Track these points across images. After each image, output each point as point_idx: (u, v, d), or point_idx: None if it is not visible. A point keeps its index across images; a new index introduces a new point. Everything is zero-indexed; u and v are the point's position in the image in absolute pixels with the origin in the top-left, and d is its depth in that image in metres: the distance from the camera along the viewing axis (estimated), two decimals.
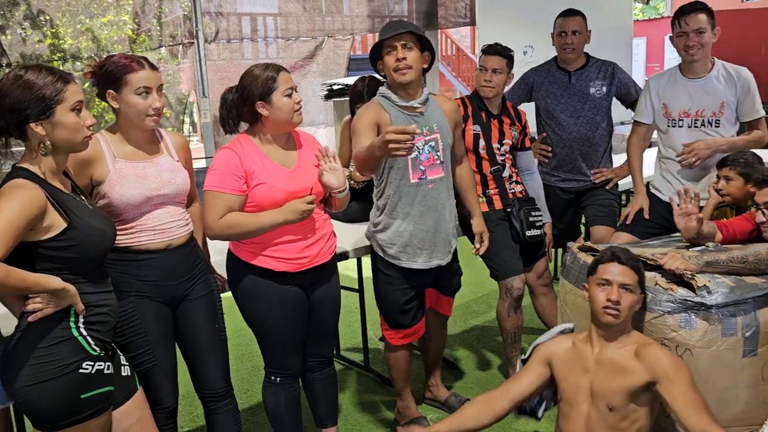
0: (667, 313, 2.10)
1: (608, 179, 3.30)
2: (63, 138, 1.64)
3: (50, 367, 1.59)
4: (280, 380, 2.33)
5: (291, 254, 2.17)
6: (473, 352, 3.54)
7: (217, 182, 2.08)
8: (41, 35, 5.72)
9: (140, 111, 1.91)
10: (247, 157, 2.11)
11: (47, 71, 1.62)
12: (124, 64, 1.90)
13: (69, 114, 1.63)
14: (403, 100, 2.35)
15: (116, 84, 1.90)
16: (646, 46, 9.56)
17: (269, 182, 2.10)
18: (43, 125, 1.61)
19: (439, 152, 2.39)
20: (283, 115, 2.10)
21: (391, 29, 2.30)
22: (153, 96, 1.92)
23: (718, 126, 2.84)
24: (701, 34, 2.75)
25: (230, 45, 6.11)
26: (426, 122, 2.38)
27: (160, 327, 2.01)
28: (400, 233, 2.42)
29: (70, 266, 1.63)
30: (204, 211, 2.11)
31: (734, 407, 2.09)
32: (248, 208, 2.12)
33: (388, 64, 2.30)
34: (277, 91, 2.08)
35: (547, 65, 3.33)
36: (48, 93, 1.60)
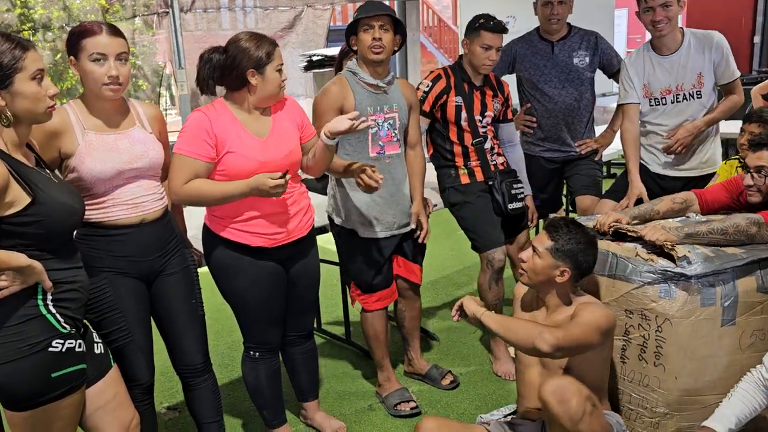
0: (647, 284, 2.11)
1: (594, 150, 3.28)
2: (24, 108, 1.57)
3: (19, 346, 1.54)
4: (259, 355, 2.31)
5: (267, 229, 2.14)
6: (455, 324, 3.53)
7: (185, 146, 2.03)
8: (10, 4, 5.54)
9: (95, 78, 1.83)
10: (220, 123, 2.06)
11: (4, 38, 1.54)
12: (83, 29, 1.82)
13: (29, 83, 1.55)
14: (371, 77, 2.46)
15: (74, 49, 1.83)
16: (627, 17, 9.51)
17: (240, 151, 2.06)
18: (2, 95, 1.54)
19: (397, 130, 2.53)
20: (271, 88, 2.09)
21: (371, 10, 2.39)
22: (109, 63, 1.82)
23: (699, 97, 2.83)
24: (667, 7, 2.70)
25: (207, 14, 5.96)
26: (387, 101, 2.50)
27: (134, 303, 1.97)
28: (357, 205, 2.51)
29: (36, 242, 1.58)
30: (170, 173, 2.05)
31: (713, 375, 2.12)
32: (218, 176, 2.08)
33: (364, 41, 2.41)
34: (271, 64, 2.07)
35: (528, 36, 3.28)
36: (5, 61, 1.52)
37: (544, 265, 2.01)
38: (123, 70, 1.86)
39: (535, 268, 2.02)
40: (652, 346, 2.12)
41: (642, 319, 2.12)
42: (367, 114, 2.43)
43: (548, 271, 2.01)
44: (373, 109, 2.46)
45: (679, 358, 2.09)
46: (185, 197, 2.06)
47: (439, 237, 4.89)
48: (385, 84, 2.50)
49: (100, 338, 1.82)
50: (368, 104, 2.45)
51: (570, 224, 2.06)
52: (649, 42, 2.89)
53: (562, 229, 2.03)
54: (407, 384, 2.87)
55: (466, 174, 2.90)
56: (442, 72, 2.91)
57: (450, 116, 2.84)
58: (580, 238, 2.02)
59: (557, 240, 2.01)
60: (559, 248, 2.00)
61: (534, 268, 2.02)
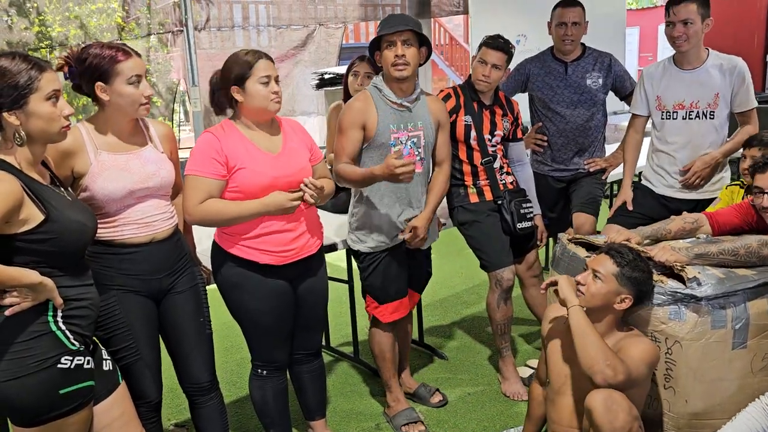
0: (657, 305, 2.09)
1: (603, 169, 3.29)
2: (38, 128, 1.59)
3: (28, 362, 1.55)
4: (267, 373, 2.31)
5: (276, 246, 2.14)
6: (463, 342, 3.53)
7: (196, 166, 2.05)
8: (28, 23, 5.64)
9: (134, 100, 1.87)
10: (229, 142, 2.08)
11: (21, 59, 1.57)
12: (111, 55, 1.84)
13: (44, 103, 1.58)
14: (395, 95, 2.44)
15: (104, 75, 1.84)
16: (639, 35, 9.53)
17: (252, 167, 2.07)
18: (17, 115, 1.56)
19: (420, 149, 2.50)
20: (257, 102, 2.07)
21: (393, 25, 2.36)
22: (144, 83, 1.88)
23: (712, 117, 2.82)
24: (688, 24, 2.71)
25: (221, 33, 6.03)
26: (412, 119, 2.47)
27: (143, 321, 1.98)
28: (376, 223, 2.52)
29: (48, 259, 1.60)
30: (184, 194, 2.07)
31: (723, 398, 2.09)
32: (232, 194, 2.09)
33: (387, 58, 2.38)
34: (252, 78, 2.05)
35: (542, 56, 3.29)
36: (21, 81, 1.55)
37: (607, 291, 1.97)
38: (151, 88, 1.92)
39: (598, 293, 1.98)
40: (662, 368, 2.09)
41: (652, 341, 2.10)
42: (389, 131, 2.43)
43: (610, 296, 1.98)
44: (396, 126, 2.45)
45: (689, 381, 2.07)
46: (200, 218, 2.06)
47: (448, 255, 4.89)
48: (409, 102, 2.46)
49: (108, 355, 1.83)
50: (391, 122, 2.44)
51: (632, 251, 2.05)
52: (672, 56, 2.90)
53: (627, 255, 2.01)
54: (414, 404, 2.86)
55: (475, 193, 2.90)
56: (452, 91, 2.92)
57: (459, 135, 2.85)
58: (644, 267, 2.02)
59: (623, 266, 1.98)
60: (627, 274, 1.98)
61: (596, 294, 1.98)
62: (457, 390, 3.01)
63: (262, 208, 2.04)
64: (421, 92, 2.52)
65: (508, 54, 2.81)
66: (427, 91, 2.63)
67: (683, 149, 2.87)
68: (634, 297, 1.99)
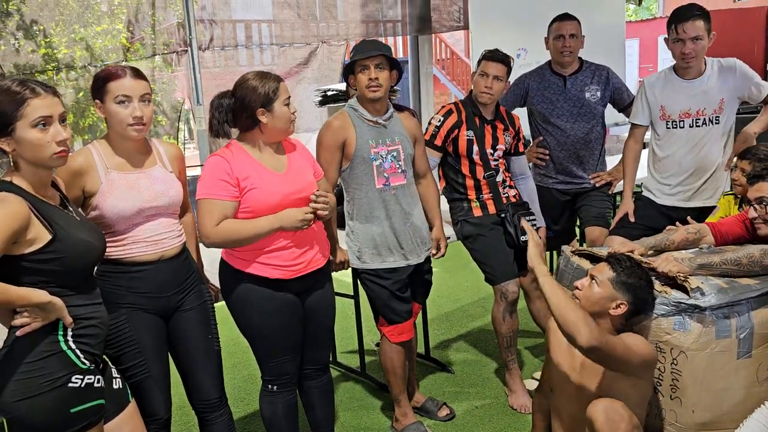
0: (661, 316, 2.10)
1: (608, 183, 3.31)
2: (29, 154, 1.61)
3: (39, 382, 1.58)
4: (277, 388, 2.32)
5: (285, 261, 2.17)
6: (469, 356, 3.54)
7: (209, 190, 2.08)
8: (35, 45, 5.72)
9: (120, 120, 1.89)
10: (238, 163, 2.11)
11: (17, 84, 1.58)
12: (107, 73, 1.89)
13: (30, 130, 1.58)
14: (371, 114, 2.53)
15: (100, 93, 1.90)
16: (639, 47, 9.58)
17: (262, 186, 2.11)
18: (8, 142, 1.59)
19: (401, 161, 2.57)
20: (281, 123, 2.13)
21: (366, 50, 2.46)
22: (133, 105, 1.89)
23: (717, 123, 2.87)
24: (697, 41, 2.75)
25: (225, 52, 6.10)
26: (389, 134, 2.56)
27: (152, 338, 2.01)
28: (370, 236, 2.56)
29: (57, 279, 1.62)
30: (199, 219, 2.10)
31: (730, 408, 2.09)
32: (243, 214, 2.12)
33: (361, 81, 2.47)
34: (278, 100, 2.11)
35: (540, 70, 3.33)
36: (5, 109, 1.56)
37: (602, 295, 1.99)
38: (146, 110, 1.92)
39: (592, 297, 2.00)
40: (668, 379, 2.10)
41: (657, 352, 2.11)
42: (369, 147, 2.50)
43: (605, 302, 1.99)
44: (375, 142, 2.52)
45: (695, 391, 2.07)
46: (218, 239, 2.08)
47: (453, 268, 4.90)
48: (384, 120, 2.55)
49: (118, 373, 1.85)
50: (369, 137, 2.51)
51: (631, 260, 2.07)
52: (672, 66, 2.93)
53: (624, 263, 2.03)
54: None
55: (478, 207, 2.93)
56: (454, 107, 2.96)
57: (462, 150, 2.88)
58: (642, 275, 2.03)
59: (619, 272, 2.00)
60: (622, 281, 2.00)
61: (590, 297, 2.00)
62: (465, 403, 3.02)
63: (277, 223, 2.08)
64: (393, 111, 2.61)
65: (507, 66, 2.85)
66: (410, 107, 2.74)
67: (689, 155, 2.90)
68: (629, 304, 2.00)
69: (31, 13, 5.35)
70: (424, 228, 2.69)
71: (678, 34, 2.77)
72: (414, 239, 2.63)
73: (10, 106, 1.56)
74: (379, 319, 2.67)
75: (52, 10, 5.61)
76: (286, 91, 2.14)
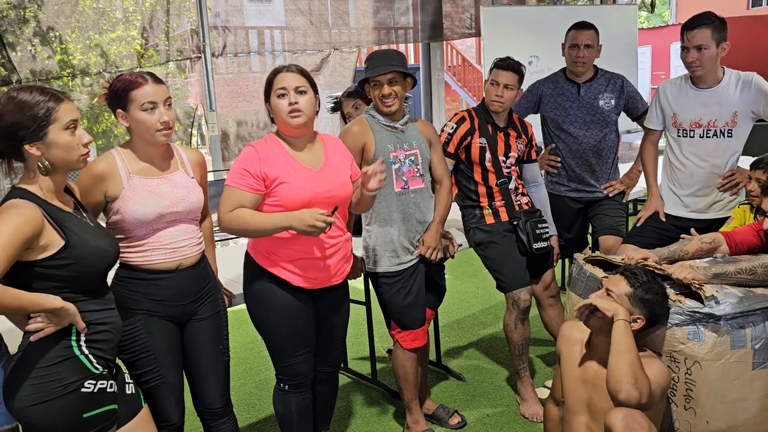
0: (676, 326, 2.09)
1: (621, 192, 3.30)
2: (58, 157, 1.65)
3: (52, 387, 1.59)
4: (289, 388, 2.35)
5: (309, 273, 2.20)
6: (481, 363, 3.53)
7: (233, 177, 2.14)
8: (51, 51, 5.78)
9: (149, 127, 1.91)
10: (270, 156, 2.14)
11: (39, 91, 1.62)
12: (128, 82, 1.91)
13: (62, 133, 1.63)
14: (388, 120, 2.54)
15: (123, 102, 1.91)
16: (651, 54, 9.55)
17: (293, 181, 2.12)
18: (38, 146, 1.62)
19: (419, 165, 2.58)
20: (280, 116, 2.15)
21: (376, 66, 2.45)
22: (159, 110, 1.92)
23: (730, 136, 2.83)
24: (702, 50, 2.73)
25: (238, 58, 6.15)
26: (406, 139, 2.57)
27: (168, 345, 2.02)
28: (389, 239, 2.55)
29: (69, 285, 1.64)
30: (220, 202, 2.13)
31: (745, 419, 2.07)
32: (273, 207, 2.13)
33: (375, 95, 2.49)
34: (273, 92, 2.15)
35: (554, 77, 3.32)
36: (40, 113, 1.60)
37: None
38: (171, 114, 1.95)
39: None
40: (682, 389, 2.09)
41: (671, 362, 2.09)
42: (388, 150, 2.50)
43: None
44: (394, 146, 2.53)
45: (710, 402, 2.05)
46: (228, 224, 2.13)
47: (464, 276, 4.89)
48: (401, 125, 2.56)
49: (132, 378, 1.86)
50: (388, 142, 2.52)
51: (647, 273, 2.05)
52: (688, 74, 2.91)
53: (641, 277, 2.02)
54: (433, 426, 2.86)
55: (490, 214, 2.93)
56: (466, 114, 2.96)
57: (474, 157, 2.88)
58: (658, 290, 2.02)
59: (637, 287, 1.99)
60: (639, 296, 1.99)
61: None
62: (476, 411, 3.01)
63: (287, 221, 2.06)
64: (409, 116, 2.61)
65: (519, 74, 2.85)
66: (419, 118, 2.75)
67: (700, 168, 2.88)
68: (646, 318, 2.00)
69: (48, 19, 5.41)
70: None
71: (684, 42, 2.78)
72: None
73: (43, 110, 1.60)
74: (392, 325, 2.67)
75: (68, 17, 5.68)
76: (280, 81, 2.13)
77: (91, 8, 5.99)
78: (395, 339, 2.69)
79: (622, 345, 1.89)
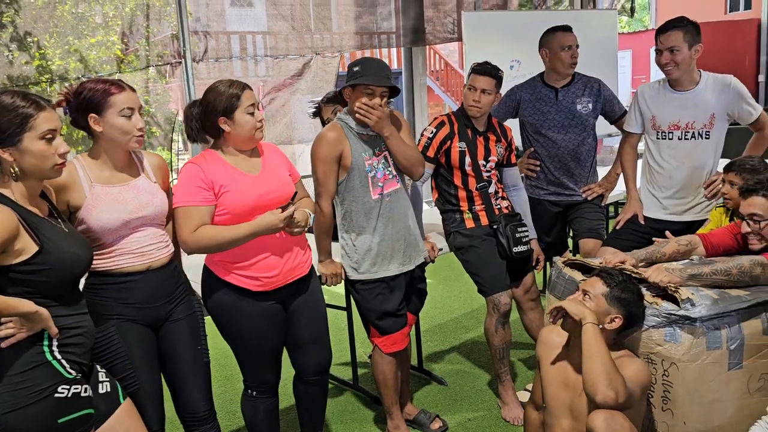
0: (652, 327, 2.11)
1: (599, 195, 3.32)
2: (31, 165, 1.64)
3: (26, 393, 1.58)
4: (257, 394, 2.36)
5: (265, 272, 2.19)
6: (463, 368, 3.53)
7: (184, 197, 2.10)
8: (29, 57, 5.72)
9: (126, 132, 1.91)
10: (211, 169, 2.14)
11: (21, 97, 1.61)
12: (104, 88, 1.89)
13: (38, 142, 1.62)
14: (359, 126, 2.52)
15: (98, 107, 1.89)
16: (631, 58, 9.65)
17: (236, 188, 2.13)
18: (11, 152, 1.61)
19: (390, 167, 2.58)
20: (245, 132, 2.14)
21: (374, 74, 2.42)
22: (136, 116, 1.93)
23: (708, 137, 2.87)
24: (674, 52, 2.77)
25: (219, 64, 6.11)
26: (377, 143, 2.55)
27: (142, 350, 2.00)
28: (368, 246, 2.55)
29: (43, 290, 1.63)
30: (176, 227, 2.10)
31: (722, 419, 2.09)
32: (220, 217, 2.13)
33: (360, 101, 2.44)
34: (240, 108, 2.12)
35: (532, 81, 3.34)
36: (17, 120, 1.59)
37: (596, 310, 1.99)
38: (143, 121, 1.97)
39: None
40: (659, 390, 2.10)
41: (648, 363, 2.11)
42: (363, 159, 2.50)
43: (599, 316, 1.99)
44: (367, 153, 2.52)
45: (687, 403, 2.07)
46: (195, 245, 2.10)
47: (446, 280, 4.90)
48: (372, 132, 2.53)
49: (107, 376, 1.83)
50: (362, 150, 2.52)
51: (623, 273, 2.08)
52: (666, 77, 2.95)
53: (617, 277, 2.04)
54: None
55: (470, 218, 2.93)
56: (446, 118, 2.97)
57: (454, 161, 2.89)
58: (634, 289, 2.04)
59: (613, 287, 2.01)
60: (616, 295, 2.00)
61: None
62: (457, 416, 3.01)
63: (254, 228, 2.09)
64: None
65: (496, 78, 2.86)
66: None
67: (679, 170, 2.91)
68: (624, 317, 2.01)
69: (25, 24, 5.36)
70: (417, 232, 2.70)
71: (657, 44, 2.83)
72: (411, 242, 2.64)
73: (19, 118, 1.59)
74: (371, 331, 2.66)
75: (46, 22, 5.62)
76: (249, 98, 2.13)
77: (70, 13, 5.93)
78: (375, 344, 2.68)
79: (593, 347, 1.90)
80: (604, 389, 1.82)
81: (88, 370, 1.77)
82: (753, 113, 2.86)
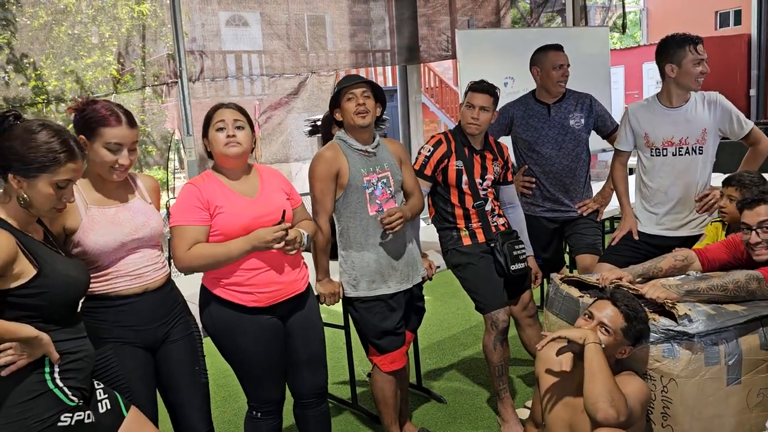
0: (651, 344, 2.11)
1: (595, 210, 3.34)
2: (32, 199, 1.64)
3: (28, 423, 1.57)
4: (261, 415, 2.33)
5: (260, 288, 2.20)
6: (461, 385, 3.52)
7: (181, 216, 2.13)
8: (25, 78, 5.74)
9: (105, 163, 1.92)
10: (208, 189, 2.17)
11: (59, 141, 1.63)
12: (103, 116, 1.90)
13: (48, 186, 1.64)
14: (360, 143, 2.56)
15: (89, 132, 1.90)
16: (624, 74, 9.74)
17: (230, 210, 2.16)
18: (20, 181, 1.62)
19: (391, 187, 2.62)
20: (217, 147, 2.20)
21: (352, 80, 2.54)
22: (123, 153, 1.92)
23: (701, 153, 2.89)
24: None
25: (215, 83, 6.15)
26: (378, 162, 2.59)
27: (139, 372, 1.99)
28: (366, 263, 2.56)
29: (41, 314, 1.62)
30: (172, 245, 2.13)
31: None
32: (214, 237, 2.16)
33: (349, 109, 2.51)
34: (211, 126, 2.20)
35: (525, 99, 3.37)
36: (43, 160, 1.61)
37: (615, 345, 2.00)
38: (132, 158, 1.97)
39: (607, 346, 1.98)
40: (659, 406, 2.10)
41: (647, 380, 2.11)
42: (361, 175, 2.52)
43: (615, 349, 2.01)
44: (366, 170, 2.54)
45: (686, 419, 2.07)
46: (190, 263, 2.12)
47: (444, 297, 4.90)
48: (372, 149, 2.58)
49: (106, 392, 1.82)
50: (361, 166, 2.54)
51: (636, 299, 2.08)
52: (656, 95, 2.98)
53: (640, 313, 2.03)
54: None
55: (467, 236, 2.94)
56: (443, 137, 2.98)
57: (451, 180, 2.90)
58: (645, 318, 2.05)
59: (634, 323, 2.01)
60: (634, 331, 2.01)
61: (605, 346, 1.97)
62: None
63: (248, 245, 2.12)
64: (379, 139, 2.65)
65: (493, 96, 2.89)
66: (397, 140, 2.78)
67: (674, 186, 2.92)
68: (633, 346, 2.04)
69: (21, 46, 5.38)
70: (415, 250, 2.71)
71: (698, 53, 2.79)
72: (410, 261, 2.65)
73: (46, 159, 1.61)
74: (370, 349, 2.66)
75: (42, 44, 5.65)
76: (220, 115, 2.19)
77: (66, 34, 5.96)
78: (374, 363, 2.67)
79: (595, 367, 1.90)
80: (606, 407, 1.82)
81: (89, 394, 1.76)
82: (744, 127, 2.89)
